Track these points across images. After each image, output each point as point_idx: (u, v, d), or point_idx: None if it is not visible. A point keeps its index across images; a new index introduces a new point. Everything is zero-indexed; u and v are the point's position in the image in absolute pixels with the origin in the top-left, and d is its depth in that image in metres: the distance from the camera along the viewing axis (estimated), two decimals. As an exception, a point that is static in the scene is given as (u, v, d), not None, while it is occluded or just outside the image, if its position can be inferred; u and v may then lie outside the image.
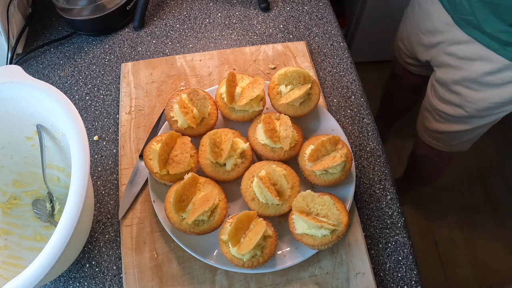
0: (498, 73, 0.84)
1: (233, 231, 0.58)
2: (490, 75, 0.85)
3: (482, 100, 0.90)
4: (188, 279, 0.63)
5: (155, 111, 0.78)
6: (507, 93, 0.86)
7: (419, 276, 0.65)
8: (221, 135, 0.67)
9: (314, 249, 0.62)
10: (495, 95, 0.88)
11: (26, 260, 0.65)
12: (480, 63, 0.86)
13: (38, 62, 0.89)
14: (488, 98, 0.89)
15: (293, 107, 0.69)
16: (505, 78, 0.84)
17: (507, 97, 0.87)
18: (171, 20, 0.94)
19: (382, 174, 0.73)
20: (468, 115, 0.95)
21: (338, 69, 0.85)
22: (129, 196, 0.70)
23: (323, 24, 0.91)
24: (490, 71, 0.85)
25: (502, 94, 0.87)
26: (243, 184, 0.65)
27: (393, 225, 0.69)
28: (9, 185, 0.70)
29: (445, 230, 1.66)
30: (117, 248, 0.68)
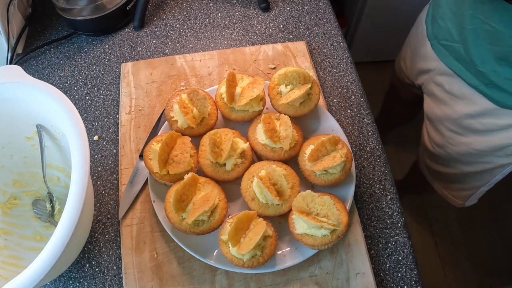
0: (479, 118, 0.79)
1: (233, 231, 0.58)
2: (471, 118, 0.81)
3: (463, 145, 0.86)
4: (188, 279, 0.63)
5: (155, 111, 0.78)
6: (489, 141, 0.81)
7: (419, 276, 0.65)
8: (221, 135, 0.67)
9: (314, 249, 0.62)
10: (477, 141, 0.83)
11: (26, 260, 0.65)
12: (462, 102, 0.81)
13: (38, 62, 0.89)
14: (470, 144, 0.84)
15: (293, 107, 0.69)
16: (487, 124, 0.79)
17: (490, 146, 0.81)
18: (171, 20, 0.94)
19: (382, 174, 0.73)
20: (451, 158, 0.92)
21: (338, 69, 0.85)
22: (129, 196, 0.70)
23: (323, 24, 0.91)
24: (471, 114, 0.80)
25: (484, 142, 0.82)
26: (243, 184, 0.65)
27: (393, 225, 0.69)
28: (9, 185, 0.70)
29: (445, 230, 1.66)
30: (117, 248, 0.68)
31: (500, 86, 0.72)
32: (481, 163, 0.87)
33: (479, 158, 0.86)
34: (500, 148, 0.81)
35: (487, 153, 0.84)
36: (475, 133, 0.82)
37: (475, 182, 0.94)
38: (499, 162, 0.84)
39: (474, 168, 0.90)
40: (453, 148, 0.89)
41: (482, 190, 0.97)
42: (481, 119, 0.79)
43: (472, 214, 1.69)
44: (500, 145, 0.80)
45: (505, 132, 0.78)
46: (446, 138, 0.89)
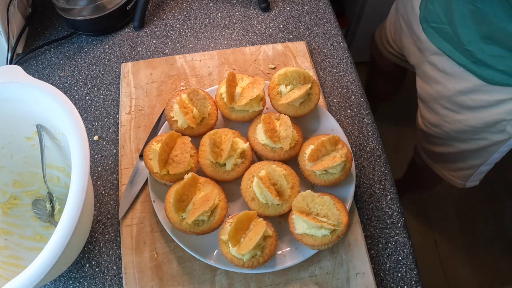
0: (470, 94, 0.82)
1: (233, 231, 0.58)
2: (463, 95, 0.84)
3: (458, 122, 0.89)
4: (188, 279, 0.63)
5: (155, 111, 0.78)
6: (482, 117, 0.84)
7: (419, 276, 0.65)
8: (221, 135, 0.67)
9: (314, 249, 0.62)
10: (470, 118, 0.86)
11: (26, 260, 0.65)
12: (455, 80, 0.84)
13: (38, 62, 0.89)
14: (464, 121, 0.87)
15: (293, 107, 0.69)
16: (478, 101, 0.82)
17: (483, 122, 0.84)
18: (171, 20, 0.94)
19: (382, 174, 0.73)
20: (447, 136, 0.94)
21: (338, 69, 0.85)
22: (129, 196, 0.70)
23: (323, 24, 0.91)
24: (463, 90, 0.83)
25: (477, 118, 0.84)
26: (243, 184, 0.65)
27: (393, 225, 0.69)
28: (9, 185, 0.70)
29: (445, 230, 1.66)
30: (117, 248, 0.68)
31: (487, 63, 0.76)
32: (476, 140, 0.90)
33: (474, 135, 0.89)
34: (492, 124, 0.84)
35: (481, 130, 0.86)
36: (468, 109, 0.85)
37: (474, 161, 0.97)
38: (493, 138, 0.87)
39: (470, 145, 0.92)
40: (448, 126, 0.92)
41: (482, 169, 0.99)
42: (472, 95, 0.82)
43: (472, 214, 1.69)
44: (492, 121, 0.83)
45: (496, 108, 0.81)
46: (441, 116, 0.92)
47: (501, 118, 0.82)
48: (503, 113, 0.81)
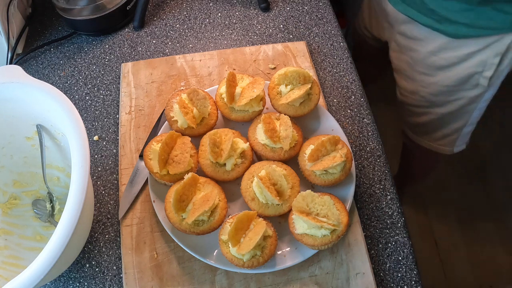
0: (440, 53, 0.87)
1: (233, 231, 0.58)
2: (434, 55, 0.88)
3: (433, 84, 0.93)
4: (188, 279, 0.63)
5: (155, 111, 0.78)
6: (454, 75, 0.88)
7: (419, 276, 0.65)
8: (221, 135, 0.67)
9: (314, 249, 0.62)
10: (444, 77, 0.90)
11: (26, 260, 0.65)
12: (424, 43, 0.89)
13: (38, 62, 0.89)
14: (439, 82, 0.92)
15: (293, 107, 0.69)
16: (448, 59, 0.87)
17: (456, 79, 0.89)
18: (171, 20, 0.94)
19: (382, 174, 0.73)
20: (426, 101, 0.98)
21: (338, 69, 0.85)
22: (129, 196, 0.70)
23: (323, 24, 0.91)
24: (433, 51, 0.88)
25: (450, 76, 0.89)
26: (243, 184, 0.65)
27: (393, 225, 0.69)
28: (9, 185, 0.70)
29: (445, 230, 1.66)
30: (117, 248, 0.68)
31: (450, 19, 0.81)
32: (454, 101, 0.94)
33: (451, 96, 0.93)
34: (466, 79, 0.88)
35: (457, 88, 0.91)
36: (441, 69, 0.90)
37: (455, 124, 1.00)
38: (469, 95, 0.92)
39: (449, 107, 0.96)
40: (425, 91, 0.96)
41: (465, 131, 1.03)
42: (442, 54, 0.87)
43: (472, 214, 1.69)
44: (466, 76, 0.88)
45: (466, 62, 0.86)
46: (418, 82, 0.96)
47: (472, 72, 0.86)
48: (474, 66, 0.85)
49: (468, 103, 0.93)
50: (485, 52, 0.83)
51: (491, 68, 0.85)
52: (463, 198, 1.72)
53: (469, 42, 0.82)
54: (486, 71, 0.85)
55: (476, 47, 0.83)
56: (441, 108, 0.97)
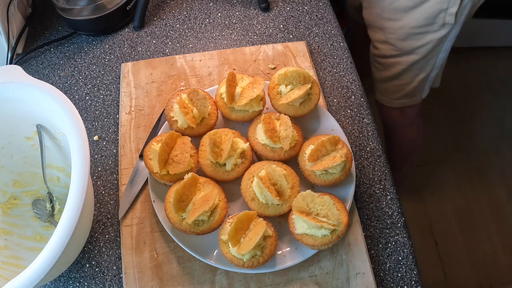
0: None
1: (233, 231, 0.58)
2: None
3: (401, 28, 0.96)
4: (188, 279, 0.63)
5: (155, 111, 0.78)
6: (421, 15, 0.91)
7: (419, 276, 0.65)
8: (221, 135, 0.67)
9: (314, 249, 0.62)
10: (411, 19, 0.93)
11: (26, 260, 0.65)
12: None
13: (38, 62, 0.89)
14: (406, 24, 0.95)
15: (293, 107, 0.69)
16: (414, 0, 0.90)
17: (423, 19, 0.92)
18: (171, 20, 0.94)
19: (382, 174, 0.73)
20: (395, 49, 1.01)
21: (338, 69, 0.85)
22: (129, 196, 0.70)
23: (323, 24, 0.91)
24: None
25: (417, 17, 0.92)
26: (243, 184, 0.65)
27: (393, 225, 0.69)
28: (9, 185, 0.70)
29: (445, 230, 1.66)
30: (117, 248, 0.68)
31: None
32: (422, 47, 0.98)
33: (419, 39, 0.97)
34: (432, 18, 0.92)
35: (424, 29, 0.94)
36: (407, 11, 0.93)
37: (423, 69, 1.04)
38: (436, 37, 0.95)
39: (418, 54, 0.99)
40: (393, 37, 1.00)
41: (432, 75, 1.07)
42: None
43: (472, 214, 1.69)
44: (432, 14, 0.91)
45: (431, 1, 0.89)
46: (386, 29, 1.00)
47: (437, 9, 0.90)
48: (438, 3, 0.89)
49: (435, 46, 0.97)
50: None
51: (455, 4, 0.88)
52: (463, 198, 1.72)
53: None
54: (451, 7, 0.88)
55: None
56: (410, 56, 1.00)
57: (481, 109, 1.89)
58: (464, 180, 1.76)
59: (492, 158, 1.82)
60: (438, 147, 1.82)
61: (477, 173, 1.78)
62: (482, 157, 1.81)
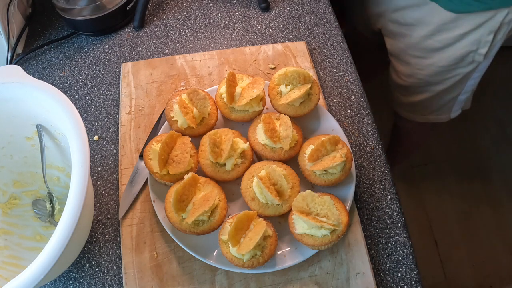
0: (435, 36, 0.89)
1: (233, 231, 0.58)
2: (428, 39, 0.90)
3: (429, 66, 0.95)
4: (188, 279, 0.63)
5: (155, 111, 0.78)
6: (450, 55, 0.91)
7: (419, 276, 0.65)
8: (221, 135, 0.66)
9: (314, 249, 0.62)
10: (441, 59, 0.93)
11: (26, 260, 0.65)
12: (418, 27, 0.91)
13: (38, 62, 0.89)
14: (435, 63, 0.94)
15: (293, 107, 0.69)
16: (443, 40, 0.89)
17: (452, 59, 0.91)
18: (171, 20, 0.94)
19: (382, 174, 0.73)
20: (423, 82, 1.00)
21: (338, 69, 0.85)
22: (129, 196, 0.70)
23: (323, 24, 0.91)
24: (427, 35, 0.90)
25: (446, 57, 0.92)
26: (243, 184, 0.65)
27: (393, 225, 0.69)
28: (9, 185, 0.70)
29: (445, 230, 1.66)
30: (117, 248, 0.68)
31: None
32: (450, 78, 0.97)
33: (447, 74, 0.96)
34: (461, 58, 0.91)
35: (452, 67, 0.93)
36: (436, 51, 0.92)
37: (451, 94, 1.03)
38: (465, 71, 0.94)
39: (446, 84, 0.99)
40: (421, 73, 0.98)
41: (460, 99, 1.05)
42: (437, 36, 0.90)
43: (472, 214, 1.69)
44: (461, 56, 0.90)
45: (460, 42, 0.88)
46: (413, 65, 0.98)
47: (467, 51, 0.88)
48: (468, 45, 0.87)
49: (463, 77, 0.96)
50: (478, 31, 0.84)
51: (485, 46, 0.87)
52: (463, 198, 1.72)
53: (462, 22, 0.84)
54: (481, 49, 0.87)
55: (469, 27, 0.84)
56: (437, 86, 1.00)
57: (482, 109, 1.89)
58: (464, 180, 1.76)
59: (492, 158, 1.82)
60: (438, 147, 1.82)
61: (477, 173, 1.78)
62: (482, 157, 1.81)
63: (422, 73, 0.98)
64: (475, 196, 1.73)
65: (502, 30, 0.85)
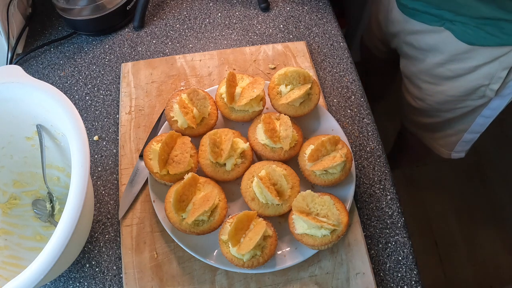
0: (447, 65, 0.87)
1: (233, 231, 0.58)
2: (441, 67, 0.88)
3: (439, 93, 0.93)
4: (188, 279, 0.63)
5: (155, 111, 0.78)
6: (461, 86, 0.88)
7: (419, 276, 0.65)
8: (221, 135, 0.67)
9: (314, 249, 0.62)
10: (450, 88, 0.90)
11: (26, 260, 0.65)
12: (431, 54, 0.89)
13: (38, 62, 0.89)
14: (445, 91, 0.92)
15: (293, 107, 0.69)
16: (455, 70, 0.86)
17: (462, 90, 0.89)
18: (171, 20, 0.94)
19: (382, 174, 0.73)
20: (431, 108, 0.99)
21: (338, 69, 0.85)
22: (129, 196, 0.70)
23: (323, 24, 0.91)
24: (440, 62, 0.88)
25: (456, 87, 0.89)
26: (243, 184, 0.65)
27: (393, 225, 0.69)
28: (9, 185, 0.70)
29: (445, 230, 1.66)
30: (117, 248, 0.68)
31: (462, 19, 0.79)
32: (459, 108, 0.94)
33: (457, 104, 0.93)
34: (472, 90, 0.88)
35: (462, 98, 0.91)
36: (447, 80, 0.90)
37: (458, 126, 1.01)
38: (475, 104, 0.91)
39: (455, 113, 0.96)
40: (431, 99, 0.97)
41: (466, 137, 1.03)
42: (449, 65, 0.87)
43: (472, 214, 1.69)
44: (472, 88, 0.87)
45: (472, 74, 0.85)
46: (424, 90, 0.97)
47: (479, 84, 0.85)
48: (480, 79, 0.84)
49: (472, 110, 0.93)
50: (493, 65, 0.81)
51: (498, 82, 0.83)
52: (463, 198, 1.72)
53: (476, 54, 0.81)
54: (493, 84, 0.84)
55: (483, 60, 0.81)
56: (446, 113, 0.98)
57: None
58: (464, 180, 1.76)
59: (492, 158, 1.82)
60: (438, 147, 1.82)
61: (477, 173, 1.78)
62: (482, 157, 1.81)
63: (431, 99, 0.96)
64: (475, 196, 1.73)
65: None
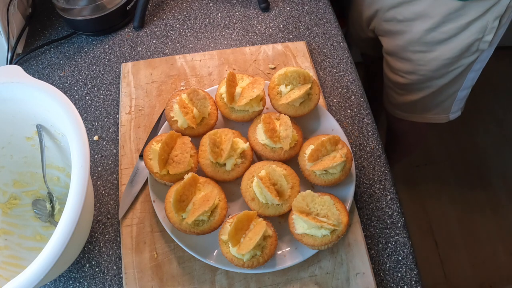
0: (439, 28, 0.85)
1: (233, 231, 0.58)
2: (432, 31, 0.87)
3: (434, 60, 0.91)
4: (188, 279, 0.63)
5: (155, 111, 0.78)
6: (456, 46, 0.87)
7: (419, 276, 0.65)
8: (221, 135, 0.67)
9: (314, 249, 0.62)
10: (445, 51, 0.89)
11: (26, 260, 0.65)
12: (419, 21, 0.87)
13: (38, 62, 0.89)
14: (439, 56, 0.90)
15: (293, 107, 0.69)
16: (448, 31, 0.85)
17: (457, 50, 0.87)
18: (171, 20, 0.94)
19: (382, 174, 0.73)
20: (425, 78, 0.96)
21: (338, 69, 0.85)
22: (129, 196, 0.70)
23: (323, 24, 0.91)
24: (431, 27, 0.86)
25: (451, 49, 0.88)
26: (243, 184, 0.65)
27: (393, 225, 0.69)
28: (9, 185, 0.70)
29: (445, 230, 1.66)
30: (117, 248, 0.68)
31: None
32: (453, 71, 0.93)
33: (450, 67, 0.92)
34: (466, 48, 0.87)
35: (456, 58, 0.89)
36: (440, 43, 0.88)
37: (451, 89, 1.00)
38: (468, 62, 0.91)
39: (447, 78, 0.95)
40: (424, 68, 0.94)
41: (460, 95, 1.02)
42: (442, 28, 0.85)
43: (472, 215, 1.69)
44: (466, 45, 0.86)
45: (466, 31, 0.84)
46: (415, 61, 0.95)
47: (473, 39, 0.85)
48: (475, 33, 0.84)
49: (465, 68, 0.93)
50: (485, 17, 0.82)
51: (491, 32, 0.84)
52: (463, 198, 1.72)
53: (469, 10, 0.81)
54: (486, 36, 0.84)
55: (476, 14, 0.81)
56: (440, 80, 0.97)
57: (481, 109, 1.89)
58: (464, 180, 1.76)
59: (492, 158, 1.82)
60: (438, 147, 1.82)
61: (477, 173, 1.78)
62: (482, 157, 1.81)
63: (424, 69, 0.94)
64: (475, 196, 1.73)
65: (507, 14, 0.83)
